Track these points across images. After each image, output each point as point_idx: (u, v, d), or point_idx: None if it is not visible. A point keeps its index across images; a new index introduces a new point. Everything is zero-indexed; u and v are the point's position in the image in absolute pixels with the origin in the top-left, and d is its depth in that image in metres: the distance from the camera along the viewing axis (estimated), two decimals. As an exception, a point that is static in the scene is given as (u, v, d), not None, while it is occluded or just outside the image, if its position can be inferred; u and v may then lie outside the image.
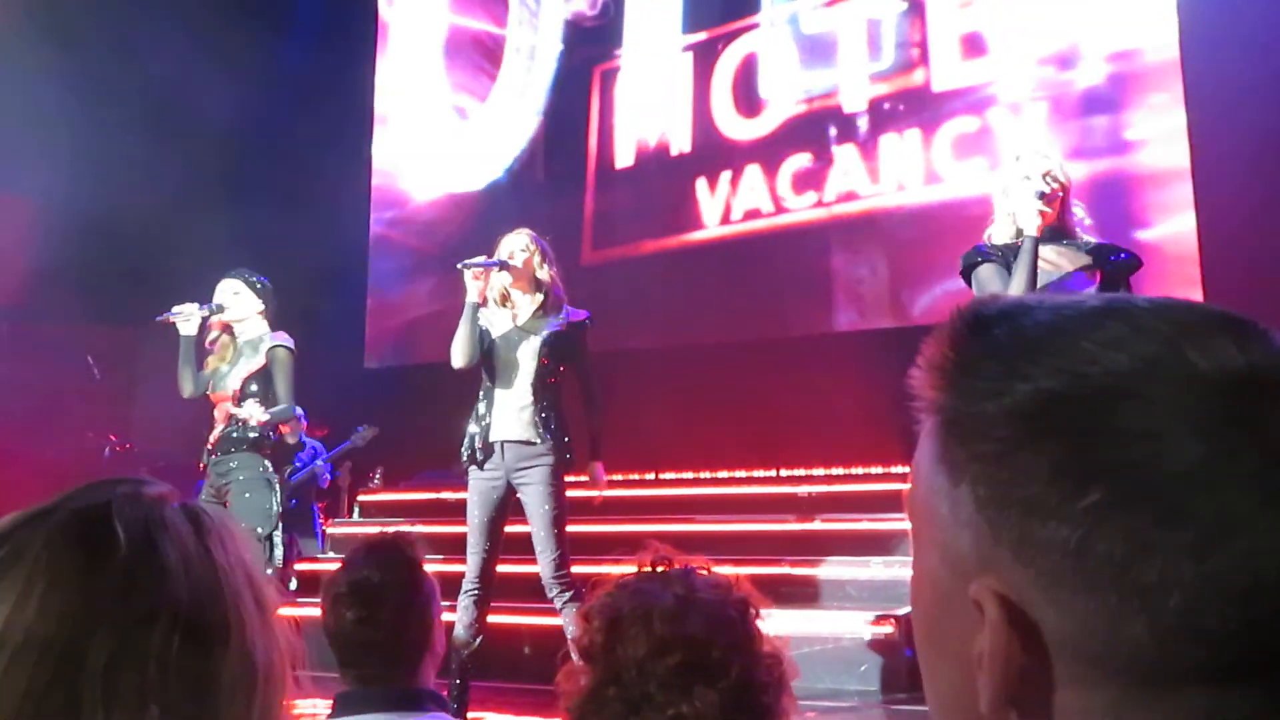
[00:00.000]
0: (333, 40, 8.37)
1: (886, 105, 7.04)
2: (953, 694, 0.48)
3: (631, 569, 1.20)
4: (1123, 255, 3.12)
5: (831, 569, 4.86)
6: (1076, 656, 0.44)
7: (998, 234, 3.12)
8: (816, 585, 4.84)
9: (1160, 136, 6.05)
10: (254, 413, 4.00)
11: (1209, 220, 5.76)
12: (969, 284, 3.15)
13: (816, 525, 5.31)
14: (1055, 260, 3.09)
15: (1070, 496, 0.42)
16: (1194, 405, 0.42)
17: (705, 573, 1.19)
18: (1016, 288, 2.96)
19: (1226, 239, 5.55)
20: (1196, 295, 5.72)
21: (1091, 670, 0.44)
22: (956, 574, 0.47)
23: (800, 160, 7.26)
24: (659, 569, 1.18)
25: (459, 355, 3.73)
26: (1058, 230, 3.10)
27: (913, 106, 6.94)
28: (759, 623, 1.17)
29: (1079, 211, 3.17)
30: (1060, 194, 3.06)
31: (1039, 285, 3.02)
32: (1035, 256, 2.97)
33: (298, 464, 7.27)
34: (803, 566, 4.93)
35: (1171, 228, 5.89)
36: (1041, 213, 2.98)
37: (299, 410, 7.30)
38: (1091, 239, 3.16)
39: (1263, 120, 5.44)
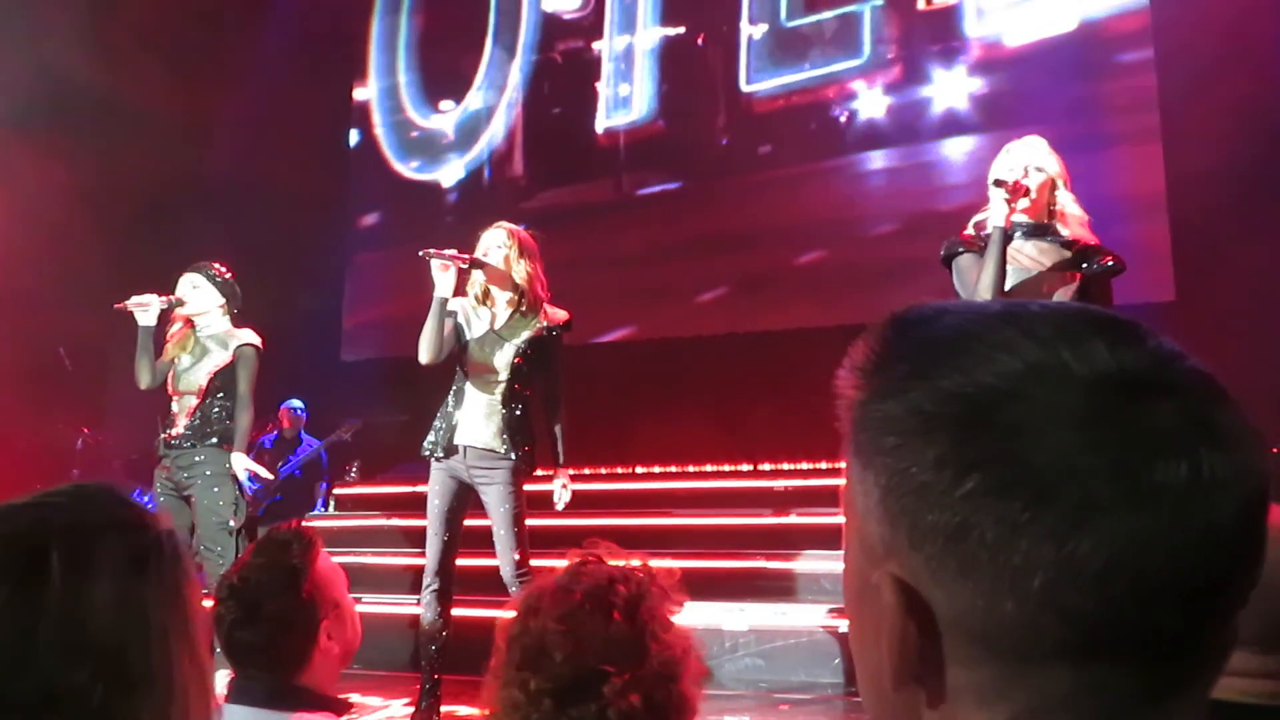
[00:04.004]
0: (312, 30, 8.29)
1: (865, 100, 7.07)
2: (871, 677, 0.52)
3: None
4: (1106, 261, 3.02)
5: (806, 563, 4.89)
6: (963, 636, 0.47)
7: (988, 223, 3.02)
8: (791, 579, 4.87)
9: (1134, 133, 6.11)
10: (240, 471, 4.17)
11: (1181, 216, 5.83)
12: (950, 271, 3.09)
13: (791, 519, 5.33)
14: (1035, 257, 3.03)
15: (952, 484, 0.46)
16: (1065, 402, 0.45)
17: (591, 567, 1.20)
18: (985, 281, 2.90)
19: (1198, 238, 5.61)
20: (1168, 289, 5.79)
21: (975, 649, 0.47)
22: (869, 561, 0.51)
23: (779, 155, 7.28)
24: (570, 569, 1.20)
25: (425, 351, 3.68)
26: (1042, 226, 3.04)
27: (892, 101, 6.97)
28: (668, 617, 1.18)
29: (1071, 208, 3.06)
30: (1027, 189, 2.96)
31: (1015, 282, 2.96)
32: (1001, 249, 2.91)
33: (290, 459, 7.25)
34: (777, 560, 4.96)
35: (1144, 220, 5.95)
36: (1008, 203, 2.92)
37: (294, 404, 7.28)
38: (1080, 238, 3.04)
39: (1238, 113, 5.50)
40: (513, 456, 3.63)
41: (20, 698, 0.58)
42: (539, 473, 3.84)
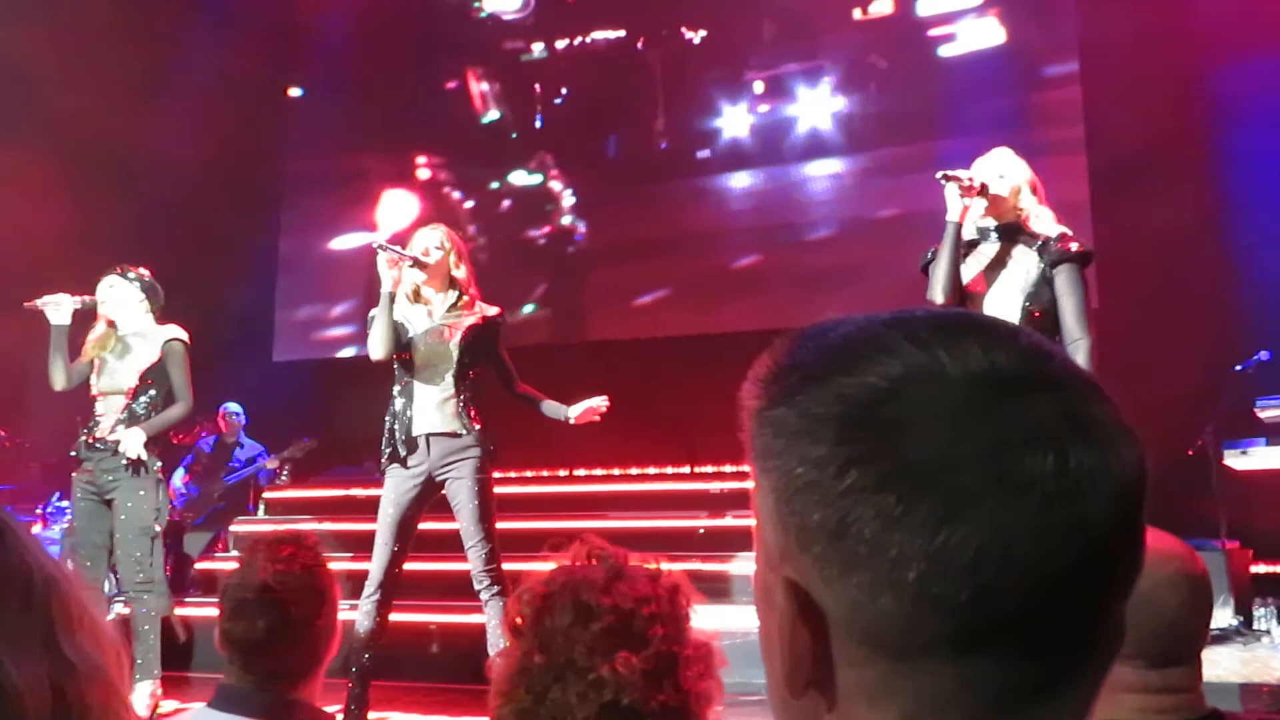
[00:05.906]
0: (246, 26, 8.12)
1: (804, 105, 7.15)
2: (775, 684, 0.52)
3: (562, 563, 1.22)
4: (1070, 249, 3.12)
5: (742, 564, 4.93)
6: (850, 635, 0.48)
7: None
8: (727, 580, 4.90)
9: (1059, 144, 6.28)
10: (131, 447, 3.94)
11: (1104, 225, 5.99)
12: (928, 278, 3.18)
13: (728, 521, 5.37)
14: (1013, 254, 3.14)
15: (834, 481, 0.47)
16: (940, 399, 0.47)
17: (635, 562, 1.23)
18: (936, 275, 3.03)
19: (1121, 246, 5.78)
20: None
21: (862, 648, 0.48)
22: (769, 567, 0.51)
23: (716, 160, 7.33)
24: (592, 558, 1.21)
25: (378, 347, 3.64)
26: (1013, 226, 3.15)
27: (829, 108, 7.07)
28: (689, 609, 1.20)
29: (1040, 209, 3.17)
30: (983, 187, 3.07)
31: (996, 281, 3.08)
32: (953, 243, 3.03)
33: (236, 464, 7.09)
34: (714, 562, 4.99)
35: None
36: (962, 197, 3.03)
37: (232, 407, 7.11)
38: (1044, 234, 3.14)
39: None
40: (476, 439, 3.61)
41: None
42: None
